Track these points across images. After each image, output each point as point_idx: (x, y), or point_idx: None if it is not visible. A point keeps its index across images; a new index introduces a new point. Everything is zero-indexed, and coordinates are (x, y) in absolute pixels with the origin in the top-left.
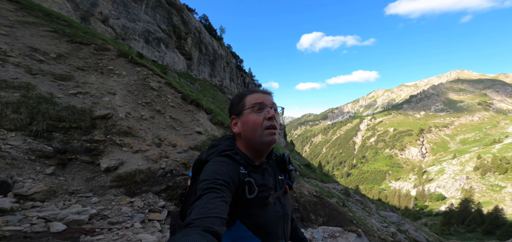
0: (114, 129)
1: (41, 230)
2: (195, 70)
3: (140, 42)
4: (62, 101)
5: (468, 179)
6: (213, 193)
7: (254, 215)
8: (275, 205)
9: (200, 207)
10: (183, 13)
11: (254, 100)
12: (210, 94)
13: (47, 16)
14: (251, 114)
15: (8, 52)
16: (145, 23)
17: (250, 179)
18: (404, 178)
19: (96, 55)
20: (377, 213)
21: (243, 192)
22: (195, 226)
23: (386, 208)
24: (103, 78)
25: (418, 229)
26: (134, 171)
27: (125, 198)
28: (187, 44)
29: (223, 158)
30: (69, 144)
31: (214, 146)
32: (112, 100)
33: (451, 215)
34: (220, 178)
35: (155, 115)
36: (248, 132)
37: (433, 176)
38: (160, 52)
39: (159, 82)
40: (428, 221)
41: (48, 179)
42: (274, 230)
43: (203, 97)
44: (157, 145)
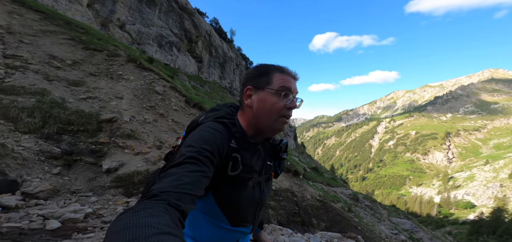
0: (118, 132)
1: (37, 227)
2: (205, 72)
3: (153, 46)
4: (73, 106)
5: (502, 187)
6: (194, 165)
7: (229, 194)
8: (253, 189)
9: (174, 178)
10: (194, 17)
11: (283, 83)
12: (219, 96)
13: (67, 24)
14: (274, 96)
15: (29, 60)
16: (158, 27)
17: (237, 155)
18: (427, 184)
19: (108, 61)
20: (388, 220)
21: (226, 166)
22: (161, 200)
23: (400, 215)
24: (113, 83)
25: (435, 238)
26: (133, 172)
27: (122, 198)
28: (198, 47)
29: (218, 124)
30: (76, 146)
31: (214, 110)
32: (119, 104)
33: (480, 225)
34: (207, 148)
35: (158, 119)
36: (263, 112)
37: (461, 183)
38: (172, 56)
39: (164, 87)
40: (453, 229)
41: (54, 178)
42: (245, 213)
43: (211, 100)
44: (158, 147)
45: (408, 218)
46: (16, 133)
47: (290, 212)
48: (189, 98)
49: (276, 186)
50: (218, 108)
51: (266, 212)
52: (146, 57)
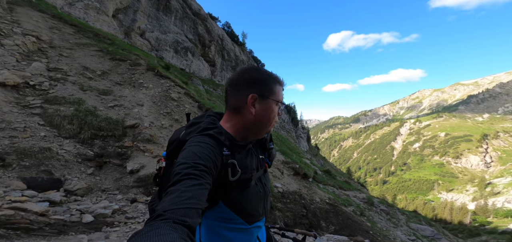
0: (139, 137)
1: (76, 220)
2: (218, 76)
3: (170, 52)
4: (103, 114)
5: None
6: (192, 180)
7: (237, 197)
8: (256, 186)
9: (175, 195)
10: (206, 22)
11: (280, 96)
12: None
13: (96, 36)
14: (275, 106)
15: (68, 72)
16: (174, 34)
17: (233, 161)
18: (460, 190)
19: (131, 70)
20: (407, 225)
21: (226, 174)
22: (166, 219)
23: (421, 221)
24: (135, 91)
25: None
26: (151, 173)
27: (142, 197)
28: (211, 52)
29: (205, 137)
30: (105, 149)
31: (194, 123)
32: (140, 111)
33: None
34: (201, 162)
35: (173, 124)
36: (264, 120)
37: (501, 189)
38: (187, 61)
39: (179, 93)
40: (490, 239)
41: (88, 178)
42: (256, 209)
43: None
44: None
45: (431, 224)
46: (59, 138)
47: (297, 214)
48: (201, 104)
49: (284, 188)
50: (198, 121)
51: (272, 213)
52: (163, 64)
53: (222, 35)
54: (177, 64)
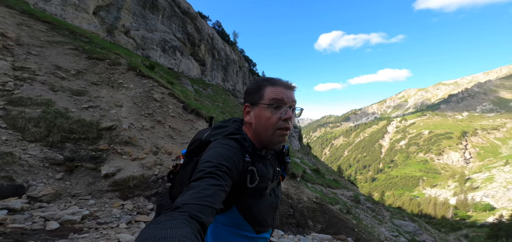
0: (117, 139)
1: (38, 228)
2: (208, 75)
3: (157, 51)
4: (75, 115)
5: None
6: (214, 179)
7: (251, 204)
8: (270, 196)
9: (196, 191)
10: (196, 21)
11: (274, 95)
12: (222, 99)
13: (72, 34)
14: (267, 110)
15: (37, 71)
16: (161, 32)
17: (253, 168)
18: (442, 185)
19: (109, 70)
20: (391, 222)
21: (245, 180)
22: (183, 212)
23: (404, 217)
24: (113, 91)
25: (441, 240)
26: (128, 177)
27: (118, 201)
28: (201, 51)
29: (230, 141)
30: (77, 153)
31: (220, 127)
32: (118, 112)
33: (499, 228)
34: (224, 163)
35: (155, 125)
36: (260, 127)
37: (480, 184)
38: (175, 60)
39: (162, 94)
40: (470, 232)
41: (56, 183)
42: (266, 219)
43: (213, 103)
44: (154, 153)
45: (414, 220)
46: (23, 141)
47: (284, 214)
48: (187, 105)
49: None
50: (224, 125)
51: None
52: (148, 64)
53: (213, 34)
54: (165, 63)
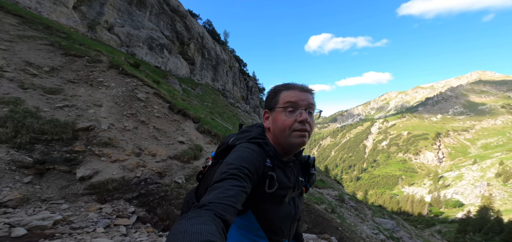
0: (95, 140)
1: (2, 235)
2: (197, 75)
3: (143, 49)
4: (47, 115)
5: (489, 186)
6: (236, 180)
7: (267, 210)
8: (289, 205)
9: (220, 191)
10: (186, 19)
11: (288, 99)
12: (211, 99)
13: (47, 29)
14: (282, 114)
15: (5, 67)
16: (148, 30)
17: (273, 174)
18: (419, 183)
19: (88, 67)
20: (372, 220)
21: (263, 184)
22: (209, 209)
23: (384, 215)
24: (92, 90)
25: (416, 236)
26: (107, 179)
27: (95, 205)
28: (190, 50)
29: (253, 145)
30: (49, 155)
31: (245, 131)
32: (97, 112)
33: (467, 223)
34: (246, 166)
35: (138, 126)
36: (277, 130)
37: (450, 182)
38: (163, 58)
39: (147, 93)
40: (443, 228)
41: (24, 187)
42: (282, 228)
43: (202, 103)
44: (137, 154)
45: (392, 217)
46: None
47: None
48: (173, 105)
49: None
50: (249, 130)
51: None
52: (131, 62)
53: (203, 33)
54: (152, 61)
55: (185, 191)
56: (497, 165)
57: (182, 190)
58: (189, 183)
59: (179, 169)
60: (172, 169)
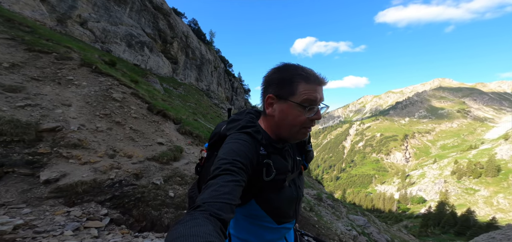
0: (62, 142)
1: None
2: (180, 74)
3: (121, 45)
4: (6, 115)
5: (445, 183)
6: (229, 175)
7: (269, 197)
8: (290, 188)
9: (213, 188)
10: (169, 18)
11: (308, 95)
12: (194, 99)
13: (8, 21)
14: (297, 109)
15: None
16: (128, 26)
17: (269, 161)
18: (389, 182)
19: (56, 65)
20: (347, 217)
21: (261, 173)
22: (204, 210)
23: (357, 212)
24: (60, 89)
25: (384, 232)
26: (76, 182)
27: (63, 208)
28: (173, 49)
29: (244, 135)
30: (8, 157)
31: (234, 120)
32: (65, 112)
33: (429, 217)
34: (238, 159)
35: (113, 127)
36: (284, 123)
37: (415, 180)
38: (143, 56)
39: (123, 93)
40: (409, 223)
41: None
42: (287, 211)
43: (185, 103)
44: (110, 156)
45: (365, 214)
46: None
47: None
48: (152, 105)
49: None
50: (238, 118)
51: None
52: (107, 60)
53: (188, 32)
54: (130, 59)
55: (164, 192)
56: (453, 164)
57: (160, 191)
58: (167, 184)
59: (157, 170)
60: (150, 170)
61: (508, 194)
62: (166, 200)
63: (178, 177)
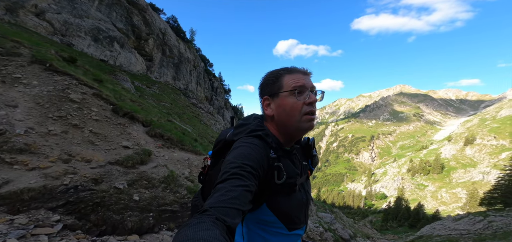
0: (5, 146)
1: None
2: (155, 72)
3: (86, 39)
4: None
5: (402, 180)
6: (238, 180)
7: (281, 202)
8: (300, 192)
9: (221, 193)
10: (145, 13)
11: (294, 83)
12: (170, 99)
13: None
14: (290, 97)
15: None
16: (95, 20)
17: (280, 164)
18: (358, 180)
19: (0, 61)
20: (316, 215)
21: (272, 177)
22: (210, 214)
23: (326, 209)
24: (4, 88)
25: (348, 227)
26: (22, 189)
27: (5, 216)
28: (148, 45)
29: (253, 139)
30: None
31: (242, 125)
32: (10, 114)
33: (388, 212)
34: (248, 163)
35: (69, 130)
36: (285, 116)
37: (379, 177)
38: (112, 52)
39: (83, 94)
40: (373, 218)
41: None
42: (298, 215)
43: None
44: (65, 161)
45: (332, 211)
46: None
47: None
48: (118, 107)
49: None
50: (246, 122)
51: None
52: (66, 56)
53: (165, 29)
54: (96, 54)
55: (127, 196)
56: (408, 162)
57: (124, 195)
58: (132, 188)
59: (121, 175)
60: (112, 175)
61: (449, 189)
62: (129, 204)
63: (145, 181)
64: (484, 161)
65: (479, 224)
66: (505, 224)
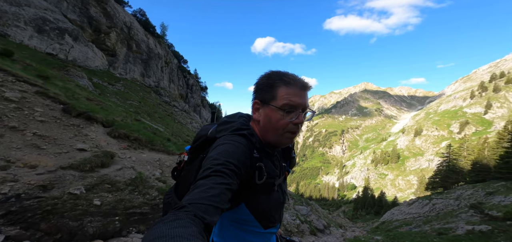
0: None
1: None
2: (120, 68)
3: (27, 30)
4: None
5: (368, 170)
6: (221, 178)
7: (259, 201)
8: (277, 192)
9: (202, 190)
10: (106, 5)
11: (287, 100)
12: (138, 97)
13: None
14: (278, 112)
15: None
16: (39, 9)
17: (261, 165)
18: (331, 172)
19: None
20: (293, 208)
21: (253, 176)
22: (188, 211)
23: (303, 202)
24: None
25: (322, 217)
26: None
27: None
28: (110, 40)
29: (238, 137)
30: None
31: (227, 122)
32: None
33: (358, 202)
34: (232, 161)
35: (6, 134)
36: (269, 127)
37: (349, 169)
38: (62, 45)
39: (23, 92)
40: (346, 208)
41: None
42: (274, 214)
43: (125, 102)
44: (2, 168)
45: (308, 204)
46: None
47: None
48: (69, 106)
49: None
50: (231, 120)
51: None
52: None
53: (131, 23)
54: (42, 47)
55: (86, 201)
56: (372, 154)
57: (81, 201)
58: (92, 193)
59: (77, 179)
60: (65, 180)
61: (404, 176)
62: (89, 209)
63: (107, 184)
64: (429, 149)
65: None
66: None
